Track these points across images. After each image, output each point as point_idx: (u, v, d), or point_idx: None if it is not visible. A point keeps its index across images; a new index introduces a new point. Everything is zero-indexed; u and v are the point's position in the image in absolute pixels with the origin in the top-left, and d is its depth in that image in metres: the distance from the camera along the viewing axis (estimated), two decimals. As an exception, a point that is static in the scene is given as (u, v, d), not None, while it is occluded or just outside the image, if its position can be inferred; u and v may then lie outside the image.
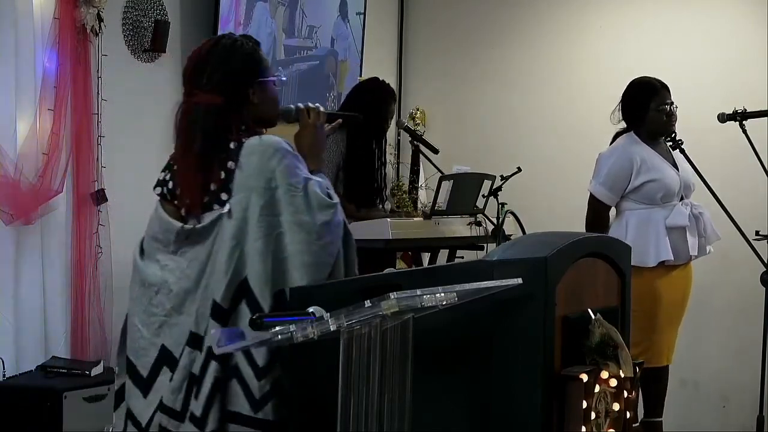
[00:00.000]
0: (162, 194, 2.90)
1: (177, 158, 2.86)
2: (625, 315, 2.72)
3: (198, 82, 2.80)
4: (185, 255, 2.79)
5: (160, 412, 2.75)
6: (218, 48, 2.82)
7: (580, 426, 2.38)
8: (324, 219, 2.70)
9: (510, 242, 2.83)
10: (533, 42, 6.30)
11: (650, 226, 4.39)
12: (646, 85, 4.52)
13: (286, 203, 2.69)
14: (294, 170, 2.72)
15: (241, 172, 2.72)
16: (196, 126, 2.79)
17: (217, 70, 2.79)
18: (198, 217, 2.79)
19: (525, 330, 2.39)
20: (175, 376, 2.74)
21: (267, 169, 2.70)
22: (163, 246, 2.84)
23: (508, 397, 2.40)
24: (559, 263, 2.43)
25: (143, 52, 4.93)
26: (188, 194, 2.80)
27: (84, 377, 4.19)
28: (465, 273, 2.43)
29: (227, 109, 2.78)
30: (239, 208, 2.70)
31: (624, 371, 2.48)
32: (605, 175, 4.46)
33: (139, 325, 2.84)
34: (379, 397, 2.14)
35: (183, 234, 2.79)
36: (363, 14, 6.10)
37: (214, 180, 2.76)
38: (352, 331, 2.12)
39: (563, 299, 2.43)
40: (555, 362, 2.41)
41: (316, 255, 2.69)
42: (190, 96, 2.83)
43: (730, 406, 5.67)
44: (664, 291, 4.39)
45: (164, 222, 2.85)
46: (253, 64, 2.84)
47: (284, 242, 2.69)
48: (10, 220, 4.21)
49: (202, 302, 2.74)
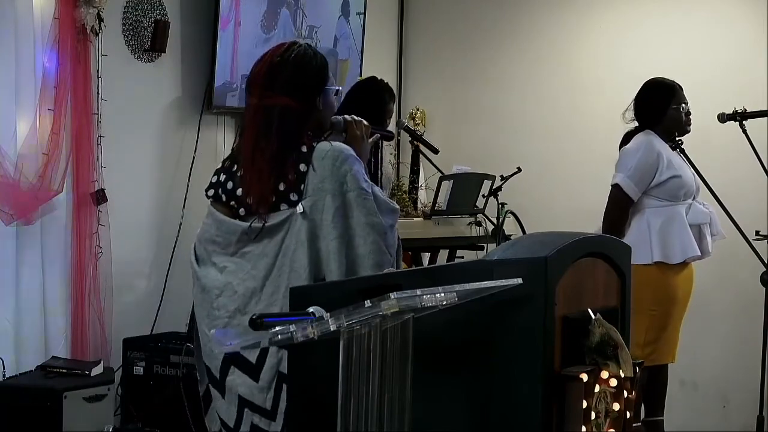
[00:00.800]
0: (215, 196, 2.93)
1: (247, 157, 2.86)
2: (624, 315, 2.72)
3: (272, 86, 2.86)
4: (247, 255, 2.85)
5: (250, 411, 2.82)
6: (293, 55, 2.89)
7: (580, 426, 2.38)
8: (391, 222, 2.86)
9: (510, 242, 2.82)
10: (533, 42, 6.30)
11: (675, 222, 4.42)
12: (664, 86, 4.56)
13: (358, 206, 2.81)
14: (363, 176, 2.85)
15: (314, 174, 2.81)
16: (272, 126, 2.84)
17: (294, 75, 2.87)
18: (263, 217, 2.83)
19: (525, 330, 2.38)
20: (263, 375, 2.80)
21: (340, 173, 2.81)
22: (221, 248, 2.89)
23: (508, 397, 2.40)
24: (559, 263, 2.43)
25: (143, 52, 4.93)
26: (258, 194, 2.83)
27: (84, 377, 4.19)
28: (465, 273, 2.42)
29: (301, 113, 2.86)
30: (315, 209, 2.80)
31: (624, 371, 2.47)
32: (633, 168, 4.44)
33: (205, 330, 2.89)
34: (379, 397, 2.14)
35: (252, 232, 2.83)
36: (363, 14, 6.10)
37: (285, 180, 2.82)
38: (352, 331, 2.12)
39: (563, 299, 2.42)
40: (555, 362, 2.41)
41: (384, 255, 2.82)
42: (262, 99, 2.87)
43: (730, 406, 5.67)
44: (679, 289, 4.45)
45: (225, 223, 2.88)
46: (324, 72, 2.94)
47: (355, 243, 2.80)
48: (10, 220, 4.21)
49: (269, 300, 2.80)
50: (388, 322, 2.13)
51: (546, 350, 2.38)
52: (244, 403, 2.82)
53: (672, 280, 4.41)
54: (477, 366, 2.44)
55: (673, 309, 4.43)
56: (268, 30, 5.41)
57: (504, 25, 6.39)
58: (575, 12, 6.18)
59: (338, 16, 5.97)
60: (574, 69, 6.15)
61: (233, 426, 2.85)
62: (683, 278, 4.49)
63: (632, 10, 6.00)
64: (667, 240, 4.38)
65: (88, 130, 4.54)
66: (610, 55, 6.04)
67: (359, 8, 6.07)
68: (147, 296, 4.98)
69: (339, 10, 5.96)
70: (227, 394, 2.85)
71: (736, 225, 4.42)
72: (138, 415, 4.53)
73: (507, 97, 6.35)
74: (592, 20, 6.13)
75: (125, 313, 4.82)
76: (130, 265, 4.92)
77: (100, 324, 4.59)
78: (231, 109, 5.32)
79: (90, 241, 4.55)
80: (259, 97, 2.87)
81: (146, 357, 4.56)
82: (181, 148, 5.15)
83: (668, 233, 4.40)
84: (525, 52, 6.32)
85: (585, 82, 6.09)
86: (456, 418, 2.47)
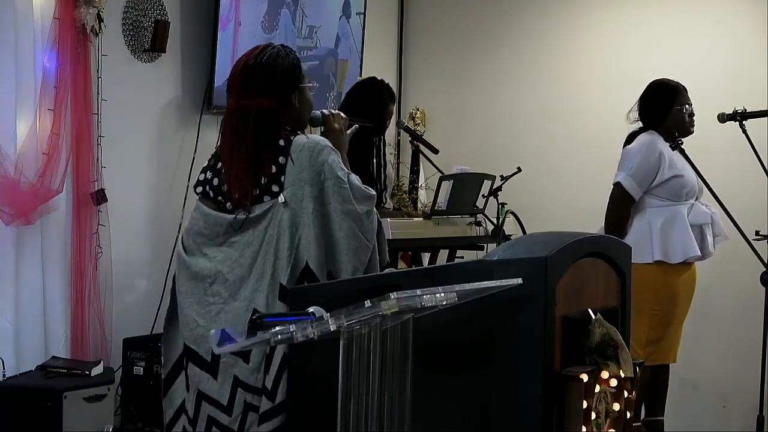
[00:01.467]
0: (204, 192, 3.12)
1: (226, 156, 3.06)
2: (625, 315, 2.72)
3: (246, 88, 3.05)
4: (234, 245, 3.02)
5: (243, 391, 2.98)
6: (266, 57, 3.07)
7: (580, 426, 2.38)
8: (366, 208, 3.03)
9: (510, 242, 2.83)
10: (533, 42, 6.30)
11: (676, 222, 4.43)
12: (668, 87, 4.58)
13: (334, 194, 2.99)
14: (339, 165, 3.03)
15: (293, 166, 2.99)
16: (247, 127, 3.02)
17: (266, 78, 3.05)
18: (248, 209, 3.01)
19: (525, 330, 2.39)
20: (253, 357, 2.96)
21: (317, 163, 3.00)
22: (209, 240, 3.06)
23: (508, 397, 2.40)
24: (559, 263, 2.43)
25: (143, 52, 4.93)
26: (240, 188, 3.02)
27: (84, 377, 4.19)
28: (465, 273, 2.43)
29: (275, 112, 3.05)
30: (295, 199, 2.98)
31: (624, 371, 2.48)
32: (635, 167, 4.46)
33: (194, 316, 3.05)
34: (379, 397, 2.14)
35: (236, 224, 3.01)
36: (363, 14, 6.10)
37: (265, 174, 3.00)
38: (352, 331, 2.13)
39: (563, 299, 2.43)
40: (555, 362, 2.41)
41: (360, 240, 3.00)
42: (239, 100, 3.06)
43: (730, 406, 5.67)
44: (681, 288, 4.46)
45: (212, 216, 3.07)
46: (296, 71, 3.12)
47: (332, 228, 2.99)
48: (10, 220, 4.21)
49: (255, 285, 2.98)
50: (388, 322, 2.13)
51: (546, 350, 2.38)
52: (238, 383, 2.99)
53: (673, 279, 4.42)
54: (477, 366, 2.44)
55: (674, 309, 4.44)
56: (269, 30, 5.42)
57: (504, 26, 6.39)
58: (575, 12, 6.18)
59: (338, 16, 5.97)
60: (574, 69, 6.15)
61: (226, 404, 3.01)
62: (685, 278, 4.49)
63: (632, 10, 5.99)
64: (668, 239, 4.39)
65: (88, 130, 4.53)
66: (610, 55, 6.03)
67: (359, 8, 6.07)
68: (147, 296, 4.97)
69: (339, 10, 5.96)
70: (220, 375, 3.00)
71: (736, 225, 4.42)
72: (138, 415, 4.53)
73: (507, 97, 6.35)
74: (592, 20, 6.13)
75: (125, 313, 4.82)
76: (130, 265, 4.92)
77: (100, 324, 4.58)
78: (231, 109, 5.31)
79: (90, 241, 4.55)
80: (237, 99, 3.07)
81: (146, 357, 4.56)
82: (181, 148, 5.15)
83: (669, 233, 4.41)
84: (525, 52, 6.32)
85: (585, 82, 6.09)
86: (456, 418, 2.48)
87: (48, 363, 4.27)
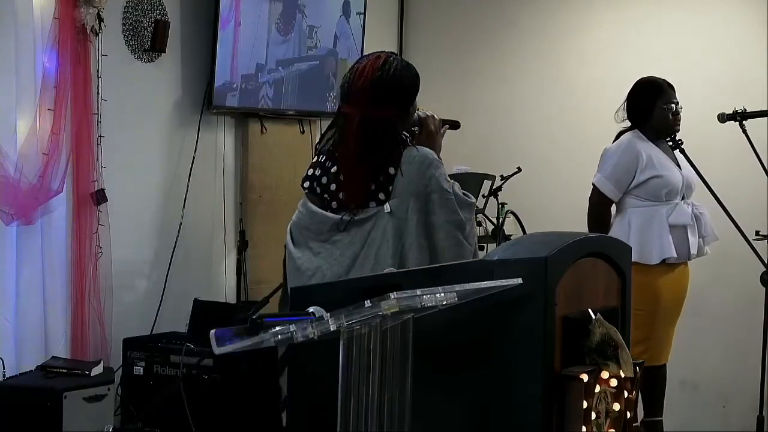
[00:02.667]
0: (311, 188, 3.18)
1: (350, 161, 3.11)
2: (625, 315, 2.72)
3: (376, 99, 3.10)
4: (337, 243, 3.10)
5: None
6: (393, 69, 3.14)
7: (580, 426, 2.38)
8: (468, 216, 3.12)
9: (510, 242, 2.84)
10: (533, 42, 6.30)
11: (654, 223, 4.40)
12: (652, 84, 4.55)
13: (441, 206, 3.07)
14: (445, 177, 3.12)
15: (402, 178, 3.07)
16: (375, 137, 3.09)
17: (394, 90, 3.13)
18: (353, 212, 3.10)
19: (525, 330, 2.38)
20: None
21: (425, 176, 3.08)
22: (315, 235, 3.14)
23: (508, 397, 2.40)
24: (559, 263, 2.43)
25: (143, 52, 4.93)
26: (353, 193, 3.10)
27: (84, 377, 4.19)
28: (465, 273, 2.42)
29: (398, 122, 3.14)
30: (400, 209, 3.06)
31: (624, 371, 2.47)
32: (611, 168, 4.46)
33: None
34: (379, 397, 2.14)
35: (342, 224, 3.10)
36: (363, 14, 6.10)
37: (375, 181, 3.09)
38: (352, 331, 2.12)
39: (563, 299, 2.42)
40: (555, 362, 2.41)
41: (463, 246, 3.09)
42: (368, 111, 3.09)
43: (730, 406, 5.67)
44: (664, 289, 4.41)
45: (318, 215, 3.14)
46: (417, 82, 3.22)
47: (437, 237, 3.07)
48: (10, 220, 4.21)
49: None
50: (388, 322, 2.13)
51: (546, 350, 2.38)
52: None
53: (655, 280, 4.37)
54: (477, 366, 2.44)
55: (657, 309, 4.38)
56: (284, 33, 5.44)
57: (504, 25, 6.39)
58: (575, 12, 6.18)
59: (338, 16, 5.97)
60: (575, 69, 6.15)
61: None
62: (670, 279, 4.45)
63: (632, 10, 6.00)
64: (645, 240, 4.36)
65: (88, 130, 4.53)
66: (610, 54, 6.04)
67: (359, 8, 6.07)
68: (147, 296, 4.98)
69: (339, 9, 5.96)
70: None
71: (736, 225, 4.42)
72: (138, 415, 4.52)
73: (507, 97, 6.35)
74: (592, 20, 6.13)
75: (125, 313, 4.82)
76: (130, 265, 4.92)
77: (100, 324, 4.58)
78: (231, 109, 5.32)
79: (90, 241, 4.55)
80: (364, 109, 3.09)
81: (146, 357, 4.57)
82: (181, 148, 5.15)
83: (646, 234, 4.39)
84: (525, 52, 6.32)
85: (585, 82, 6.09)
86: (456, 418, 2.48)
87: (48, 363, 4.27)
